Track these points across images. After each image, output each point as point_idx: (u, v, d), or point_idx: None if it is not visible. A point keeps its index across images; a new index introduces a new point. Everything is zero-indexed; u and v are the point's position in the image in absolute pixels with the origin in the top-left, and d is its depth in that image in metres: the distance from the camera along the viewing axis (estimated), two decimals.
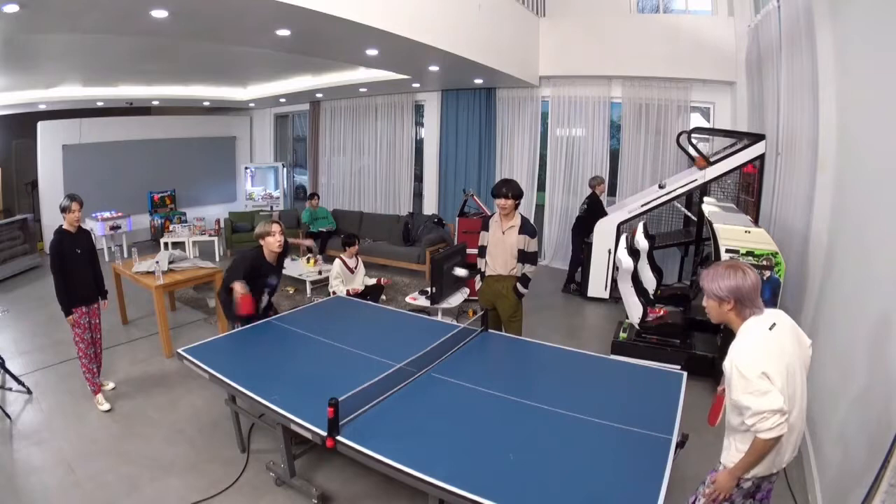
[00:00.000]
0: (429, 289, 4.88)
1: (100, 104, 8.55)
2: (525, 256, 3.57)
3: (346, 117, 9.49)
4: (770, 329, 1.76)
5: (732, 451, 1.82)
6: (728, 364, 1.73)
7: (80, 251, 3.57)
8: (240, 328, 3.54)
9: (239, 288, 3.19)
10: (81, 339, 3.60)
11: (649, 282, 4.50)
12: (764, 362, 1.67)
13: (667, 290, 5.02)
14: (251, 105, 10.40)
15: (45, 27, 4.02)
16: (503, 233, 3.60)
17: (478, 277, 3.84)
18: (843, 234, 3.04)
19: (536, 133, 7.61)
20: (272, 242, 3.38)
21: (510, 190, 3.53)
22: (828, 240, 3.30)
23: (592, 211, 6.05)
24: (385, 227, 8.12)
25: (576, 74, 7.00)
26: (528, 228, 3.58)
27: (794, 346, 1.80)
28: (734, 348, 1.75)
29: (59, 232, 3.53)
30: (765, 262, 3.54)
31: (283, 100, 9.81)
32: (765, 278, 3.56)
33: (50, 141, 8.32)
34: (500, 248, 3.62)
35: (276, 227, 3.39)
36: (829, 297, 3.17)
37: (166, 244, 7.56)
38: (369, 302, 4.57)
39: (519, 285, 3.60)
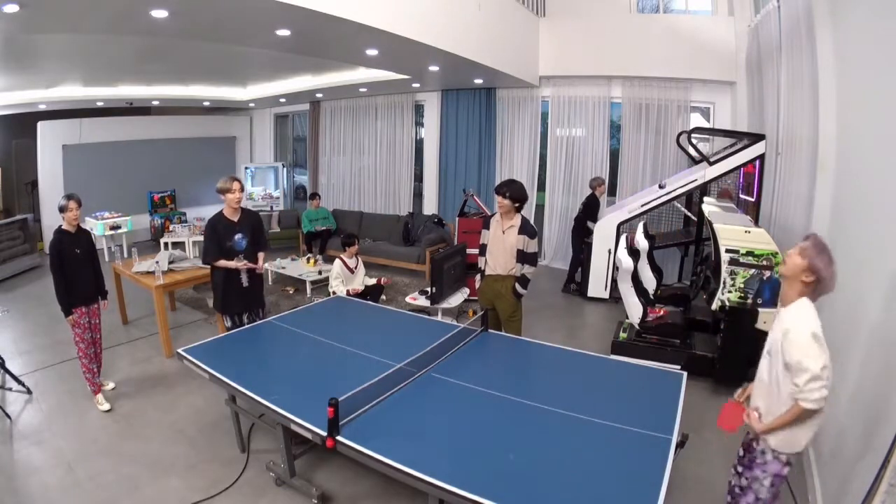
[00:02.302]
0: (429, 289, 4.88)
1: (100, 104, 8.55)
2: (524, 257, 3.56)
3: (346, 117, 9.49)
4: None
5: (802, 432, 1.88)
6: (794, 326, 1.81)
7: (79, 251, 3.57)
8: (237, 329, 3.56)
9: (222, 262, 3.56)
10: (81, 339, 3.60)
11: (649, 282, 4.50)
12: (819, 331, 1.79)
13: (667, 290, 5.02)
14: (251, 105, 10.40)
15: (45, 27, 4.02)
16: (503, 232, 3.59)
17: (478, 277, 3.84)
18: (843, 234, 3.04)
19: (536, 133, 7.60)
20: (231, 199, 3.59)
21: (507, 189, 3.52)
22: (828, 240, 3.29)
23: (586, 211, 6.06)
24: (385, 227, 8.12)
25: (576, 74, 7.00)
26: (527, 229, 3.57)
27: None
28: (799, 315, 1.83)
29: (59, 232, 3.53)
30: (765, 262, 3.54)
31: (283, 100, 9.81)
32: (765, 278, 3.56)
33: (50, 141, 8.32)
34: (500, 248, 3.61)
35: (235, 185, 3.59)
36: (828, 297, 3.16)
37: (166, 244, 7.56)
38: (369, 302, 4.58)
39: (517, 286, 3.60)
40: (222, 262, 3.57)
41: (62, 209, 3.48)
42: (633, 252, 4.12)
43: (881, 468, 1.77)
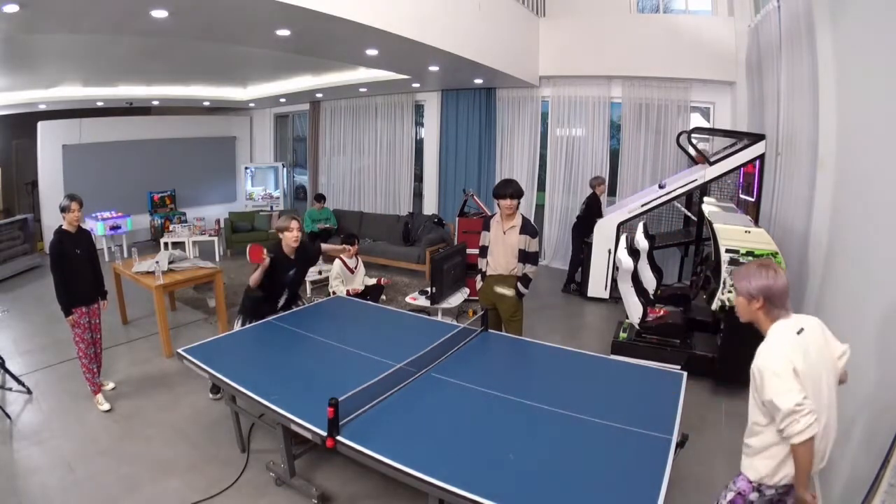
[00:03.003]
0: (429, 289, 4.88)
1: (100, 104, 8.55)
2: (526, 256, 3.57)
3: (346, 117, 9.49)
4: (798, 333, 1.77)
5: (759, 461, 1.80)
6: (757, 366, 1.74)
7: (80, 251, 3.57)
8: (247, 326, 3.56)
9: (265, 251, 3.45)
10: (81, 339, 3.60)
11: (649, 282, 4.50)
12: (794, 360, 1.68)
13: (667, 290, 5.02)
14: (251, 105, 10.40)
15: (45, 27, 4.02)
16: (504, 233, 3.60)
17: (478, 277, 3.84)
18: (843, 234, 3.04)
19: (536, 133, 7.60)
20: (289, 237, 3.60)
21: (512, 189, 3.53)
22: (828, 240, 3.30)
23: (590, 210, 6.06)
24: (385, 227, 8.12)
25: (576, 74, 7.00)
26: (529, 228, 3.58)
27: (822, 352, 1.78)
28: (763, 350, 1.76)
29: (59, 232, 3.53)
30: None
31: (283, 100, 9.81)
32: None
33: (50, 141, 8.31)
34: (501, 248, 3.62)
35: (294, 224, 3.60)
36: (828, 298, 3.17)
37: (166, 244, 7.56)
38: (369, 302, 4.57)
39: (520, 285, 3.61)
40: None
41: (64, 209, 3.48)
42: (633, 252, 4.13)
43: (881, 468, 1.77)
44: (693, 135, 5.66)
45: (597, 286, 6.01)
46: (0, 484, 2.81)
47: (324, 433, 2.16)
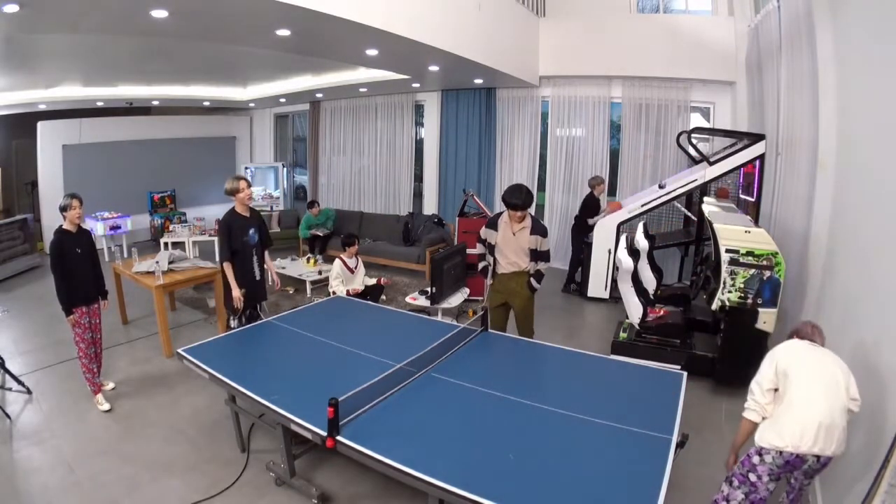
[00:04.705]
0: (429, 289, 4.88)
1: (100, 104, 8.55)
2: (538, 255, 3.61)
3: (346, 117, 9.49)
4: (810, 343, 2.19)
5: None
6: None
7: (80, 251, 3.57)
8: (238, 328, 3.56)
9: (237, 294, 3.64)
10: (82, 339, 3.60)
11: (649, 282, 4.50)
12: (782, 358, 2.13)
13: (667, 290, 5.02)
14: (251, 105, 10.40)
15: (45, 27, 4.02)
16: (514, 234, 3.61)
17: (488, 275, 3.85)
18: (843, 234, 3.04)
19: (536, 133, 7.60)
20: (243, 197, 3.69)
21: (520, 200, 3.46)
22: (828, 240, 3.30)
23: (584, 211, 6.07)
24: (385, 227, 8.12)
25: (576, 74, 7.00)
26: (539, 229, 3.59)
27: (830, 365, 2.08)
28: None
29: (60, 232, 3.52)
30: (765, 262, 3.54)
31: (283, 100, 9.81)
32: (765, 278, 3.56)
33: (50, 141, 8.31)
34: (512, 248, 3.63)
35: (242, 184, 3.69)
36: (828, 297, 3.17)
37: (166, 244, 7.55)
38: (369, 302, 4.58)
39: (532, 280, 3.65)
40: (230, 275, 3.64)
41: (65, 208, 3.48)
42: (633, 252, 4.13)
43: (881, 468, 1.77)
44: (693, 135, 5.66)
45: (597, 286, 6.01)
46: (0, 484, 2.81)
47: (324, 433, 2.16)
